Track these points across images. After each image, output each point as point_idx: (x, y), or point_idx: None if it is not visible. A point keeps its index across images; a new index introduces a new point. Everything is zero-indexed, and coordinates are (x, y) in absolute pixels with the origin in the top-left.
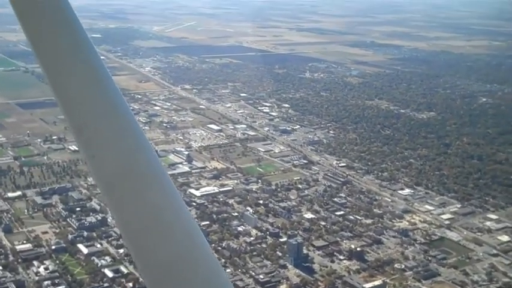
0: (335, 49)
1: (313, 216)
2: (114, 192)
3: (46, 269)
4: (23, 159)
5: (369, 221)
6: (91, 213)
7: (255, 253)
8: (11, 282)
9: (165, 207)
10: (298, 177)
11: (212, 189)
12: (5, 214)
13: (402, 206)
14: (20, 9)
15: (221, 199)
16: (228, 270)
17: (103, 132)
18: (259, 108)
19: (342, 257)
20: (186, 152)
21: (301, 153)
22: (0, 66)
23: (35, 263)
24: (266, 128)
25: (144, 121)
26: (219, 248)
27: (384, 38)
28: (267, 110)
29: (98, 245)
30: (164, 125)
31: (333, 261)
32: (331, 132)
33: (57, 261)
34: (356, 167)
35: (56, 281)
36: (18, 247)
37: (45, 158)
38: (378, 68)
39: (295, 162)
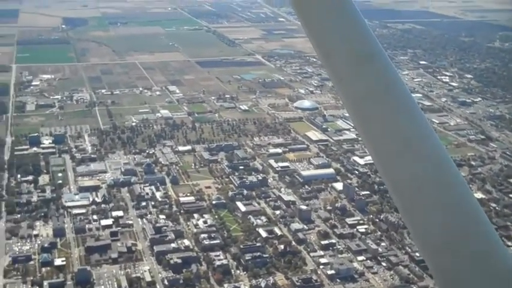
0: None
1: (483, 196)
2: (360, 111)
3: (205, 222)
4: (196, 115)
5: None
6: (253, 173)
7: None
8: (171, 231)
9: (413, 131)
10: (473, 154)
11: None
12: (174, 166)
13: None
14: None
15: None
16: (382, 244)
17: (349, 57)
18: (439, 77)
19: (510, 244)
20: None
21: (479, 128)
22: (185, 25)
23: (195, 215)
24: (443, 99)
25: (315, 84)
26: (376, 220)
27: None
28: (447, 80)
29: (256, 205)
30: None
31: None
32: None
33: (216, 216)
34: None
35: (212, 235)
36: (182, 199)
37: (217, 115)
38: None
39: (471, 137)
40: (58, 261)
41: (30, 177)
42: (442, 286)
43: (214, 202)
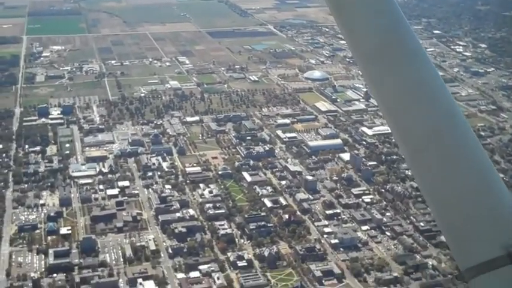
0: None
1: None
2: (369, 65)
3: (210, 192)
4: (205, 86)
5: None
6: (260, 143)
7: (419, 199)
8: (177, 201)
9: (424, 83)
10: (483, 124)
11: (386, 129)
12: (181, 137)
13: None
14: None
15: (393, 140)
16: (387, 214)
17: (361, 9)
18: (452, 47)
19: None
20: (365, 89)
21: (490, 98)
22: None
23: (201, 185)
24: (456, 69)
25: (327, 55)
26: (382, 190)
27: None
28: (460, 50)
29: (262, 175)
30: (347, 60)
31: None
32: None
33: (222, 186)
34: None
35: (217, 204)
36: (188, 169)
37: (226, 86)
38: None
39: (481, 107)
40: (64, 230)
41: (38, 148)
42: (450, 241)
43: (220, 172)
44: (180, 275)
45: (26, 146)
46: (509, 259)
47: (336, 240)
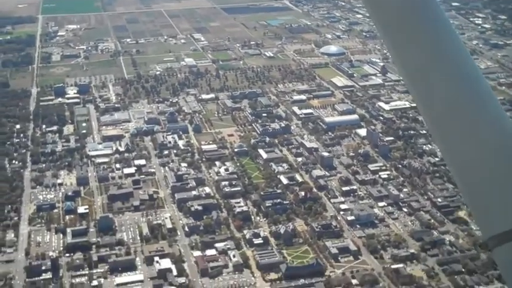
0: None
1: None
2: (390, 32)
3: (226, 170)
4: (220, 62)
5: None
6: (276, 120)
7: (437, 175)
8: (193, 179)
9: (446, 50)
10: (502, 97)
11: (403, 104)
12: (197, 115)
13: None
14: None
15: (411, 115)
16: (404, 190)
17: None
18: (471, 19)
19: None
20: (382, 64)
21: (510, 71)
22: None
23: (217, 163)
24: (474, 42)
25: (343, 29)
26: (399, 166)
27: None
28: (479, 22)
29: (278, 152)
30: (364, 34)
31: None
32: None
33: (238, 164)
34: None
35: (233, 182)
36: (204, 147)
37: (241, 62)
38: None
39: (501, 80)
40: (81, 209)
41: (55, 128)
42: (474, 209)
43: (236, 150)
44: (197, 253)
45: (43, 126)
46: None
47: (352, 217)
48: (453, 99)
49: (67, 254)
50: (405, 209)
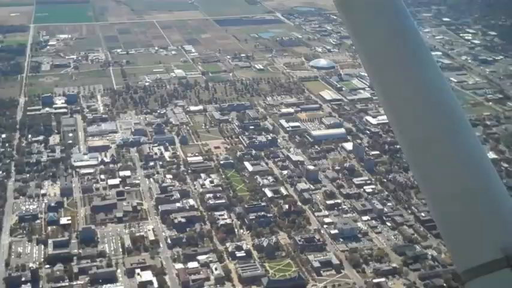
0: None
1: (495, 156)
2: (373, 64)
3: (211, 182)
4: (210, 74)
5: None
6: (263, 133)
7: None
8: (177, 191)
9: (427, 83)
10: (489, 113)
11: None
12: (184, 126)
13: None
14: None
15: None
16: (388, 204)
17: (367, 7)
18: (461, 35)
19: None
20: None
21: (498, 87)
22: None
23: (202, 175)
24: (464, 57)
25: (334, 43)
26: (384, 180)
27: None
28: (469, 37)
29: (264, 164)
30: (354, 48)
31: None
32: None
33: (223, 176)
34: None
35: (218, 194)
36: (190, 159)
37: (231, 75)
38: None
39: (488, 96)
40: (64, 220)
41: (41, 137)
42: (448, 242)
43: (222, 162)
44: (179, 265)
45: (29, 136)
46: (507, 262)
47: (336, 231)
48: (431, 134)
49: (47, 266)
50: (389, 223)
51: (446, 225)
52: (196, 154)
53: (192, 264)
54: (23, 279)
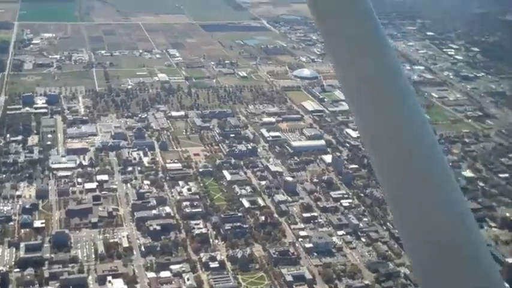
0: None
1: (472, 174)
2: (355, 94)
3: (189, 190)
4: (193, 80)
5: None
6: (243, 141)
7: None
8: (154, 198)
9: (405, 121)
10: (468, 130)
11: None
12: (165, 132)
13: None
14: None
15: None
16: (364, 219)
17: (338, 15)
18: (444, 50)
19: (493, 224)
20: None
21: (478, 104)
22: None
23: (181, 182)
24: (446, 73)
25: (318, 53)
26: (362, 194)
27: None
28: (452, 53)
29: (242, 174)
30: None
31: (481, 227)
32: None
33: (201, 184)
34: None
35: (195, 203)
36: (169, 165)
37: (214, 81)
38: None
39: (468, 113)
40: (38, 223)
41: (19, 137)
42: (421, 281)
43: (200, 170)
44: (151, 274)
45: (8, 135)
46: None
47: (311, 245)
48: (408, 170)
49: (18, 269)
50: (363, 239)
51: (421, 266)
52: (176, 161)
53: (165, 274)
54: None
